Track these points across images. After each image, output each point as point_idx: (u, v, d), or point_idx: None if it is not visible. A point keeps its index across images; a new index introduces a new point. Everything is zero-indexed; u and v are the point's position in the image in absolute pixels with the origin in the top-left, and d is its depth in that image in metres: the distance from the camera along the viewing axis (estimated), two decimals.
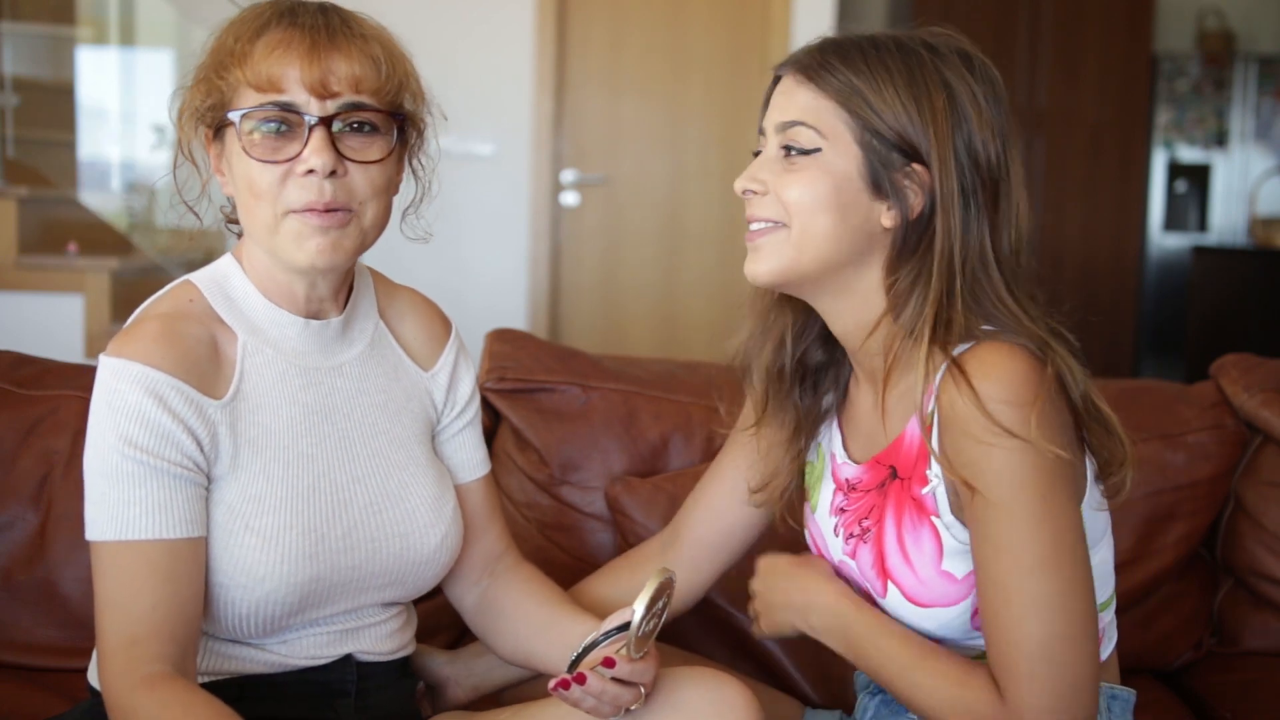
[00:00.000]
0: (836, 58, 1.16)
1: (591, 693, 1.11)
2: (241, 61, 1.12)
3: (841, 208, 1.14)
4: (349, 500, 1.21)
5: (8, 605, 1.65)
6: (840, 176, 1.14)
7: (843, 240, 1.15)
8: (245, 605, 1.15)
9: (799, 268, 1.17)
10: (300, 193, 1.12)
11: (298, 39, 1.12)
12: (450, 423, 1.35)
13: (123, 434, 1.10)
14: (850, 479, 1.26)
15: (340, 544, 1.20)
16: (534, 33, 4.33)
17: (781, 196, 1.16)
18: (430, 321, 1.36)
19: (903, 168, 1.14)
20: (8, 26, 4.23)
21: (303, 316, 1.22)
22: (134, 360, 1.12)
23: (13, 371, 1.76)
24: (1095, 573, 1.21)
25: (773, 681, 1.67)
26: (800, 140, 1.16)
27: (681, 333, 4.55)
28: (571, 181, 4.49)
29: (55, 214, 4.06)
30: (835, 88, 1.15)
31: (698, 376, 1.89)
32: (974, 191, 1.14)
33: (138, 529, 1.09)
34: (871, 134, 1.13)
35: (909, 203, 1.14)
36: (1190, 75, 5.88)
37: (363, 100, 1.13)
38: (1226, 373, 1.87)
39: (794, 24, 4.34)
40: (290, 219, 1.13)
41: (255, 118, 1.12)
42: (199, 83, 1.16)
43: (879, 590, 1.22)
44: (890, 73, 1.14)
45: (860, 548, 1.24)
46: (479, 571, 1.37)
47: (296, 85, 1.11)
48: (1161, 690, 1.73)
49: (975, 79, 1.16)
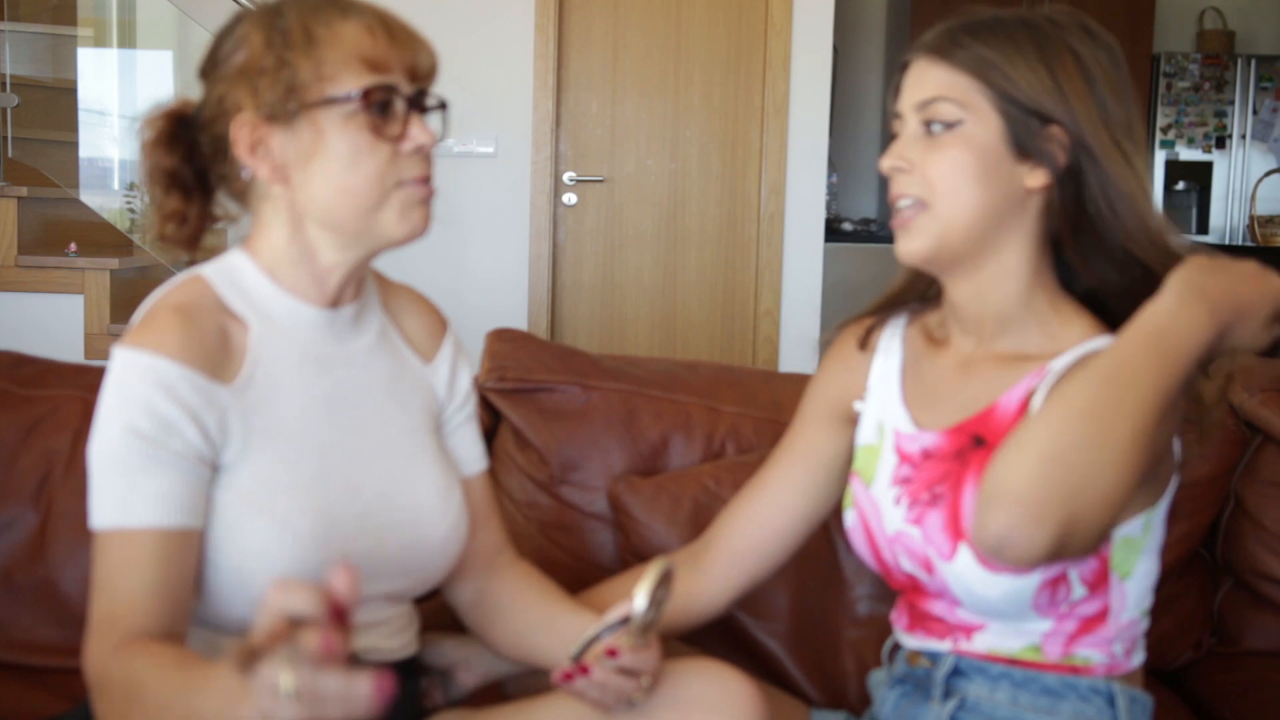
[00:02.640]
0: (965, 34, 1.21)
1: (596, 683, 1.12)
2: (340, 40, 1.15)
3: (986, 176, 1.19)
4: (361, 486, 1.22)
5: (8, 605, 1.65)
6: (983, 145, 1.19)
7: (988, 209, 1.19)
8: (258, 589, 1.14)
9: (949, 242, 1.20)
10: (413, 167, 1.18)
11: (392, 27, 1.17)
12: (451, 416, 1.36)
13: (128, 423, 1.11)
14: (926, 448, 1.27)
15: (352, 530, 1.20)
16: (534, 33, 4.33)
17: (926, 173, 1.20)
18: (428, 316, 1.38)
19: (1041, 130, 1.18)
20: (8, 26, 4.23)
21: (316, 305, 1.23)
22: (144, 350, 1.13)
23: (13, 371, 1.77)
24: (1148, 577, 1.26)
25: (774, 681, 1.67)
26: (941, 114, 1.20)
27: (681, 333, 4.55)
28: (571, 181, 4.49)
29: (55, 214, 4.06)
30: (968, 61, 1.20)
31: (698, 376, 1.89)
32: (1120, 145, 1.19)
33: (139, 517, 1.10)
34: (1008, 101, 1.18)
35: (1055, 159, 1.19)
36: (1190, 75, 5.88)
37: (430, 86, 1.21)
38: None
39: (794, 24, 4.34)
40: (399, 192, 1.17)
41: (373, 98, 1.15)
42: (255, 67, 1.15)
43: (946, 554, 1.22)
44: (1018, 43, 1.19)
45: (928, 513, 1.24)
46: (476, 567, 1.38)
47: (400, 69, 1.17)
48: (1161, 690, 1.73)
49: (1098, 46, 1.22)
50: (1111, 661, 1.25)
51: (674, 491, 1.73)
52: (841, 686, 1.70)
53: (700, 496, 1.72)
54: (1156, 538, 1.25)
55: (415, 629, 1.34)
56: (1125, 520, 1.21)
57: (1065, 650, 1.24)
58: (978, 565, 1.19)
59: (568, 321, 4.53)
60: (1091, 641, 1.24)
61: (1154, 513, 1.22)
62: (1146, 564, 1.24)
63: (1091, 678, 1.24)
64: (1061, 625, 1.23)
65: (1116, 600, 1.23)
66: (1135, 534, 1.22)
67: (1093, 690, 1.24)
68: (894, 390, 1.34)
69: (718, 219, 4.52)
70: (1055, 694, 1.23)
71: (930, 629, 1.31)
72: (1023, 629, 1.24)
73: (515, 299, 4.40)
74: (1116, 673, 1.25)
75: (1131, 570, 1.23)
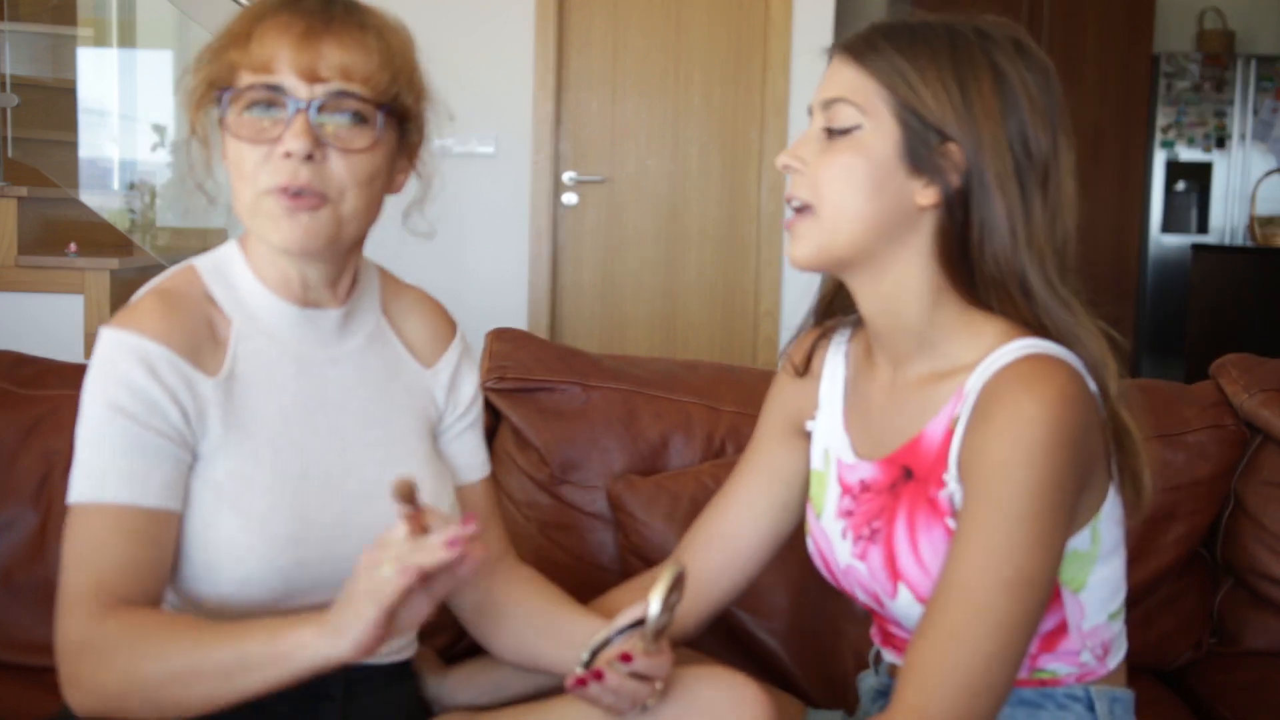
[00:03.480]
0: (883, 38, 1.17)
1: (610, 688, 1.12)
2: (240, 43, 1.14)
3: (876, 187, 1.15)
4: (340, 489, 1.21)
5: (8, 605, 1.65)
6: (877, 154, 1.15)
7: (875, 220, 1.15)
8: (228, 585, 1.14)
9: (834, 251, 1.17)
10: (273, 175, 1.12)
11: (295, 24, 1.13)
12: (452, 423, 1.35)
13: (110, 400, 1.11)
14: (864, 479, 1.26)
15: (330, 531, 1.19)
16: (534, 33, 4.33)
17: (817, 177, 1.17)
18: (434, 321, 1.36)
19: (939, 146, 1.14)
20: (8, 26, 4.23)
21: (298, 305, 1.22)
22: (129, 330, 1.13)
23: (13, 371, 1.76)
24: (1107, 583, 1.23)
25: (774, 681, 1.67)
26: (841, 117, 1.16)
27: (681, 333, 4.55)
28: (571, 181, 4.49)
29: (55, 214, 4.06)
30: (878, 66, 1.16)
31: (698, 376, 1.89)
32: (1022, 174, 1.14)
33: (113, 492, 1.09)
34: (910, 112, 1.14)
35: (947, 179, 1.14)
36: (1190, 75, 5.88)
37: (352, 89, 1.13)
38: (1226, 373, 1.87)
39: (794, 24, 4.34)
40: (266, 200, 1.13)
41: (244, 99, 1.13)
42: (201, 65, 1.17)
43: (889, 592, 1.22)
44: (935, 54, 1.15)
45: (870, 549, 1.23)
46: (478, 573, 1.36)
47: (287, 68, 1.12)
48: (1161, 690, 1.73)
49: (1027, 65, 1.16)
50: (1082, 670, 1.23)
51: (673, 491, 1.73)
52: (841, 686, 1.70)
53: (700, 496, 1.72)
54: (1110, 539, 1.21)
55: (408, 635, 1.32)
56: (1072, 536, 1.18)
57: (1031, 666, 1.23)
58: (918, 604, 1.19)
59: (568, 321, 4.53)
60: (1056, 656, 1.22)
61: (1099, 519, 1.19)
62: (1104, 570, 1.21)
63: (1066, 686, 1.23)
64: None
65: (1074, 613, 1.21)
66: (1083, 547, 1.19)
67: (1070, 697, 1.23)
68: (837, 413, 1.32)
69: (718, 219, 4.51)
70: (1033, 704, 1.22)
71: (899, 647, 1.30)
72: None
73: (515, 299, 4.40)
74: (1091, 678, 1.24)
75: (1085, 581, 1.20)
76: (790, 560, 1.49)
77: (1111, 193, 5.54)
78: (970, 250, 1.14)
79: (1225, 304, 5.18)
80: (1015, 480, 1.08)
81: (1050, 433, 1.08)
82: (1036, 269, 1.14)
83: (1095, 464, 1.15)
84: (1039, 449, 1.08)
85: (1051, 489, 1.08)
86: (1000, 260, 1.13)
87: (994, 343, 1.16)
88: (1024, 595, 1.08)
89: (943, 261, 1.17)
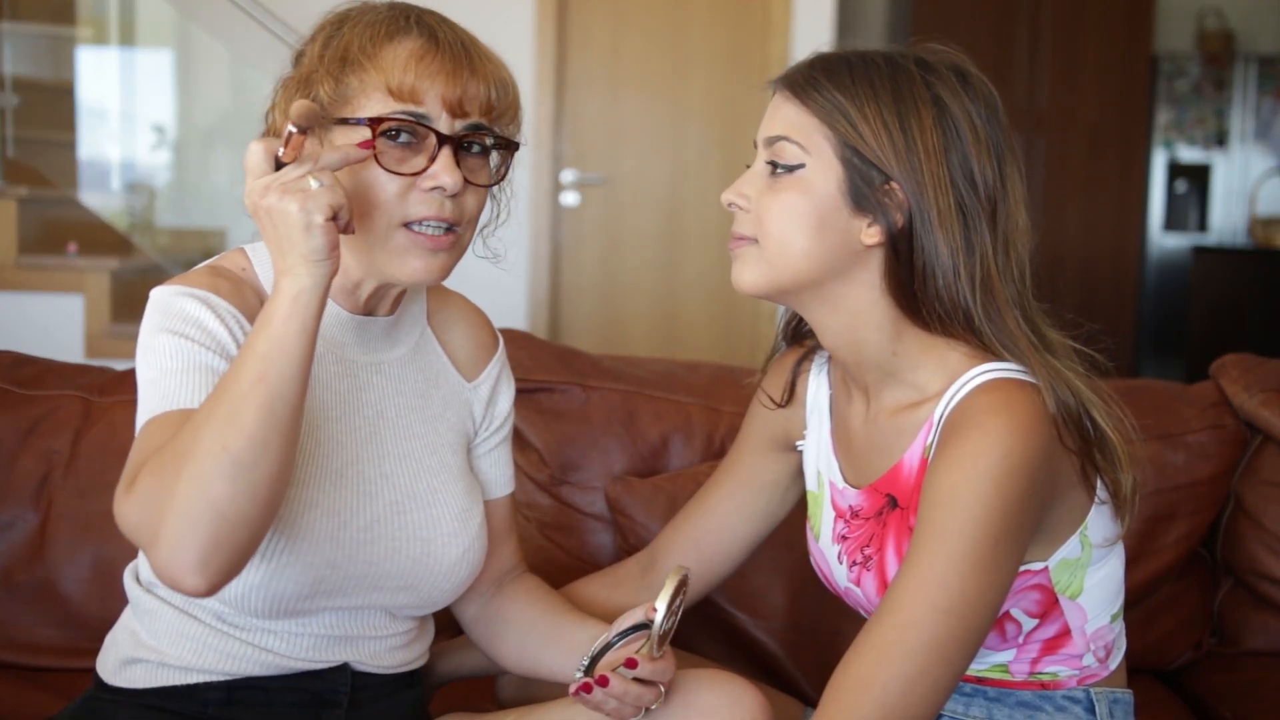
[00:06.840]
0: (823, 74, 1.16)
1: (614, 694, 1.11)
2: (373, 63, 1.10)
3: (819, 226, 1.14)
4: (375, 494, 1.20)
5: (8, 605, 1.65)
6: (821, 193, 1.14)
7: (820, 258, 1.15)
8: (258, 574, 1.12)
9: (777, 282, 1.17)
10: (422, 206, 1.11)
11: (441, 55, 1.11)
12: (486, 438, 1.34)
13: (171, 329, 1.08)
14: (853, 506, 1.26)
15: (362, 535, 1.18)
16: (534, 32, 4.33)
17: (761, 215, 1.16)
18: (479, 333, 1.35)
19: (882, 185, 1.13)
20: (8, 26, 4.23)
21: (351, 311, 1.20)
22: (184, 286, 1.11)
23: (13, 371, 1.77)
24: (1106, 585, 1.23)
25: (773, 681, 1.67)
26: (784, 156, 1.16)
27: (681, 333, 4.55)
28: (571, 181, 4.49)
29: (55, 214, 4.06)
30: (819, 105, 1.15)
31: (698, 376, 1.89)
32: (966, 209, 1.13)
33: (185, 399, 1.05)
34: (852, 152, 1.13)
35: (891, 217, 1.14)
36: (1190, 75, 5.88)
37: (485, 124, 1.14)
38: (1226, 373, 1.88)
39: (794, 25, 4.34)
40: (401, 234, 1.12)
41: (390, 124, 1.09)
42: (307, 76, 1.13)
43: None
44: (876, 91, 1.14)
45: (864, 575, 1.24)
46: (486, 585, 1.36)
47: (435, 100, 1.10)
48: (1161, 690, 1.73)
49: (970, 97, 1.15)
50: (1084, 673, 1.23)
51: (671, 492, 1.73)
52: None
53: None
54: (1101, 542, 1.21)
55: (425, 643, 1.32)
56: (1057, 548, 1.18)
57: (1032, 669, 1.23)
58: None
59: (568, 321, 4.53)
60: (1059, 659, 1.22)
61: (1085, 526, 1.19)
62: (1100, 572, 1.21)
63: (1066, 688, 1.23)
64: (1024, 652, 1.22)
65: (1075, 618, 1.21)
66: (1073, 554, 1.19)
67: (1069, 699, 1.23)
68: (826, 436, 1.32)
69: (718, 219, 4.51)
70: (1031, 706, 1.22)
71: None
72: (985, 659, 1.23)
73: (515, 299, 4.40)
74: (1092, 680, 1.24)
75: (1082, 586, 1.20)
76: (789, 561, 1.50)
77: (1111, 193, 5.54)
78: (915, 287, 1.14)
79: (1225, 304, 5.19)
80: (959, 510, 1.08)
81: (998, 463, 1.08)
82: (981, 304, 1.13)
83: (1061, 483, 1.14)
84: (988, 480, 1.08)
85: (999, 518, 1.08)
86: (944, 297, 1.13)
87: (958, 369, 1.16)
88: (956, 622, 1.08)
89: (894, 296, 1.16)
